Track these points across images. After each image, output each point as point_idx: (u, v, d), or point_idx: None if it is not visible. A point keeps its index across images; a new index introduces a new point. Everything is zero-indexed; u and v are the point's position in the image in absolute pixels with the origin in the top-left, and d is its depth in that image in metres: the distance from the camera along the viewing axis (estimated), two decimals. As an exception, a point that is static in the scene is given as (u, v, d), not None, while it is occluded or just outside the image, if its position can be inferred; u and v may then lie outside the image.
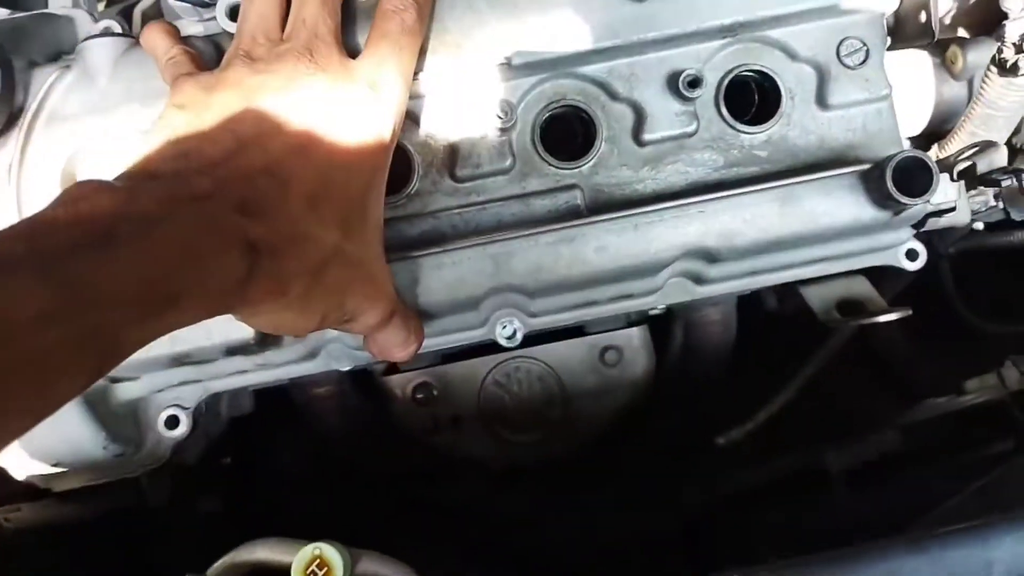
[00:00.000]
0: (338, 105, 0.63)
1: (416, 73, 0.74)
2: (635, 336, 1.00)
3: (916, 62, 0.84)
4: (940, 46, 0.85)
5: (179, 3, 0.88)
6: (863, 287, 0.95)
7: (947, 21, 0.92)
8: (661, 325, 1.06)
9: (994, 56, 0.75)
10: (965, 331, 1.17)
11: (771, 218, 0.75)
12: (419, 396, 0.98)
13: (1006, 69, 0.73)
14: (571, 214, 0.77)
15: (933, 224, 0.87)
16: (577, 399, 1.01)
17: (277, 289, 0.56)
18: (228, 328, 0.74)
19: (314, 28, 0.65)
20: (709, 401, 1.13)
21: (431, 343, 0.83)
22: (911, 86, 0.84)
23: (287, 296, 0.57)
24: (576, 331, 1.03)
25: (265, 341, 0.77)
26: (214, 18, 0.91)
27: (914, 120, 0.86)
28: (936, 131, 0.87)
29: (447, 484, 1.03)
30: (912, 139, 0.88)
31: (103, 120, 0.75)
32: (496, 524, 1.03)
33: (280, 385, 0.90)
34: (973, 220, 0.88)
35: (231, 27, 0.75)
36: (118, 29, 0.88)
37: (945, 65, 0.85)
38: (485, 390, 1.00)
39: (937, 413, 1.07)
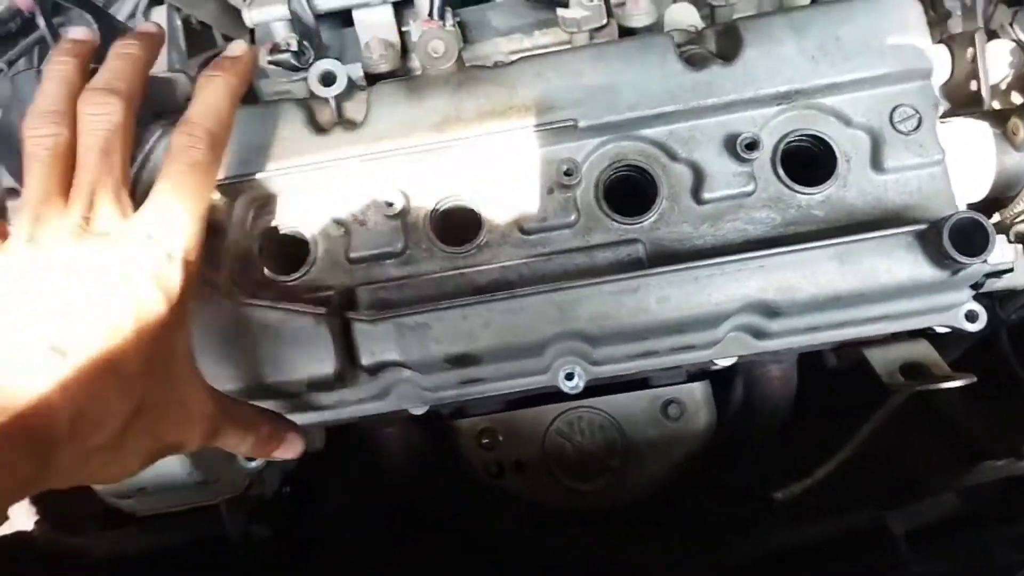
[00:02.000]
0: (110, 276, 0.61)
1: (484, 133, 0.80)
2: (697, 391, 1.02)
3: (976, 132, 0.86)
4: (1001, 116, 0.88)
5: (270, 65, 0.97)
6: (926, 350, 0.96)
7: (1003, 87, 0.95)
8: (722, 379, 1.08)
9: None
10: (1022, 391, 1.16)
11: (831, 274, 0.78)
12: (485, 441, 1.02)
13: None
14: (633, 266, 0.81)
15: (991, 285, 0.88)
16: (638, 450, 1.03)
17: (79, 463, 0.58)
18: (311, 364, 0.79)
19: (91, 192, 0.64)
20: (766, 454, 1.14)
21: (495, 387, 0.86)
22: (971, 155, 0.86)
23: (91, 464, 0.59)
24: (639, 384, 1.06)
25: (343, 378, 0.81)
26: (303, 79, 1.00)
27: (975, 188, 0.88)
28: (998, 198, 0.90)
29: (507, 526, 1.05)
30: (973, 206, 0.90)
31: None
32: (552, 569, 1.04)
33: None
34: (1032, 281, 0.89)
35: (323, 92, 0.83)
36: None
37: (1006, 135, 0.87)
38: (549, 437, 1.02)
39: (997, 477, 1.06)
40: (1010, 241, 0.81)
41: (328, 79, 0.83)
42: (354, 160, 0.82)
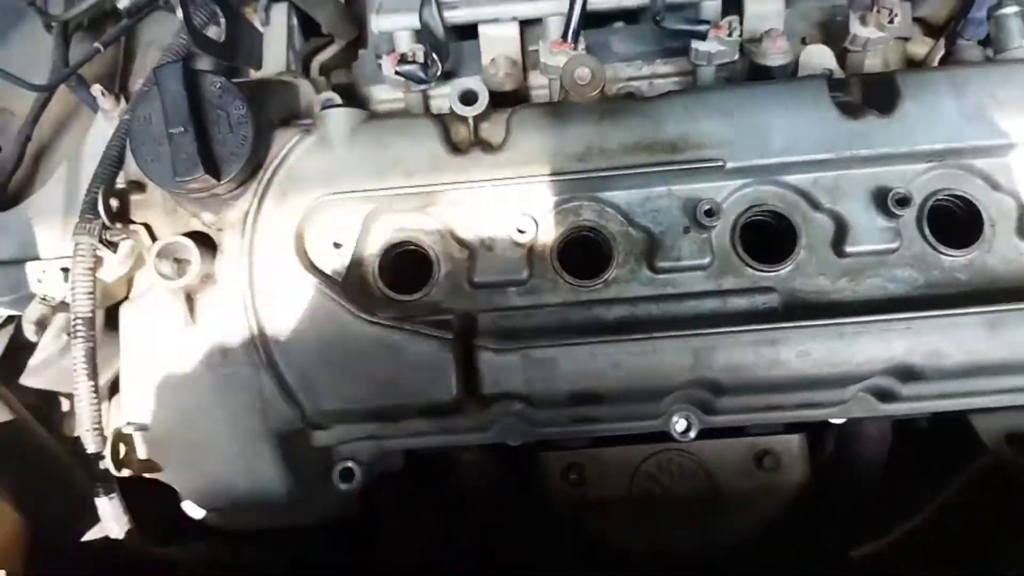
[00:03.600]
0: None
1: (626, 166, 0.78)
2: (795, 444, 0.99)
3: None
4: None
5: (392, 76, 0.94)
6: None
7: None
8: (812, 431, 1.05)
9: None
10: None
11: (979, 342, 0.75)
12: (572, 476, 0.98)
13: None
14: (767, 316, 0.79)
15: None
16: (728, 501, 0.99)
17: None
18: (430, 389, 0.76)
19: None
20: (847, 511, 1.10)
21: (605, 428, 0.84)
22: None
23: None
24: (733, 429, 1.02)
25: (459, 406, 0.78)
26: (422, 91, 0.98)
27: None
28: None
29: (586, 566, 1.01)
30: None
31: (337, 183, 0.80)
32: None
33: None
34: None
35: (463, 111, 0.80)
36: (338, 100, 0.95)
37: None
38: (637, 478, 0.99)
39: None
40: None
41: (469, 98, 0.81)
42: (490, 184, 0.79)
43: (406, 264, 0.84)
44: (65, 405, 1.05)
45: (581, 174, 0.79)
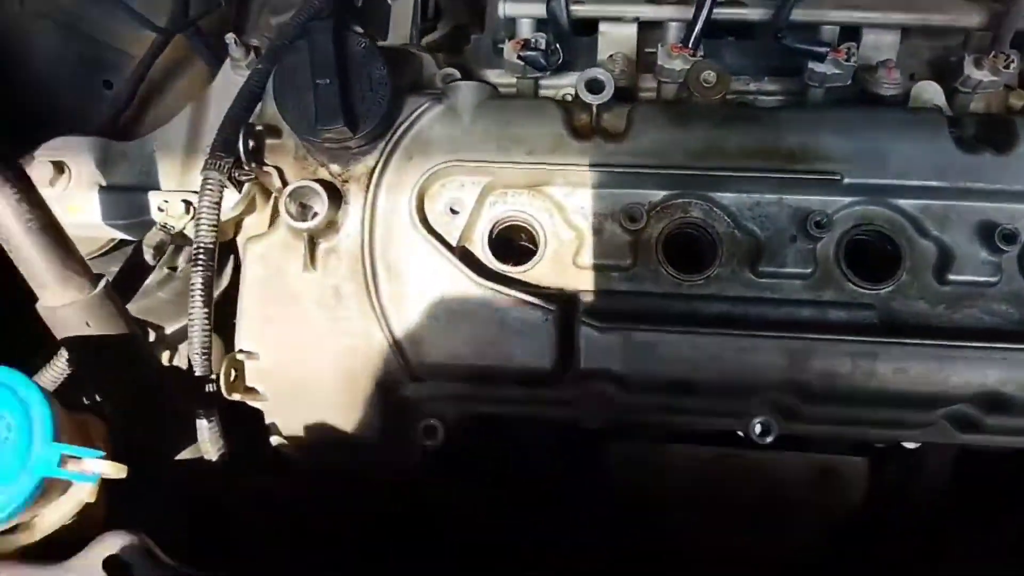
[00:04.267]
0: None
1: (743, 169, 0.80)
2: (860, 465, 1.00)
3: None
4: None
5: (512, 60, 0.97)
6: None
7: None
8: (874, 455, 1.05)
9: None
10: None
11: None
12: (635, 469, 1.00)
13: None
14: (866, 331, 0.80)
15: None
16: (787, 513, 1.00)
17: None
18: (529, 356, 0.79)
19: None
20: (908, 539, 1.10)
21: (688, 421, 0.85)
22: None
23: None
24: (796, 441, 1.03)
25: (554, 378, 0.81)
26: (534, 79, 1.01)
27: None
28: None
29: (642, 566, 1.02)
30: None
31: (461, 152, 0.83)
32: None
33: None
34: None
35: (589, 98, 0.83)
36: (458, 75, 0.98)
37: None
38: (702, 479, 1.00)
39: None
40: None
41: (596, 87, 0.84)
42: (607, 170, 0.82)
43: (515, 239, 0.87)
44: (151, 336, 1.08)
45: (698, 171, 0.81)
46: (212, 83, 1.04)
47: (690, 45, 0.94)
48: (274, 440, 0.84)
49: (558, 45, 0.97)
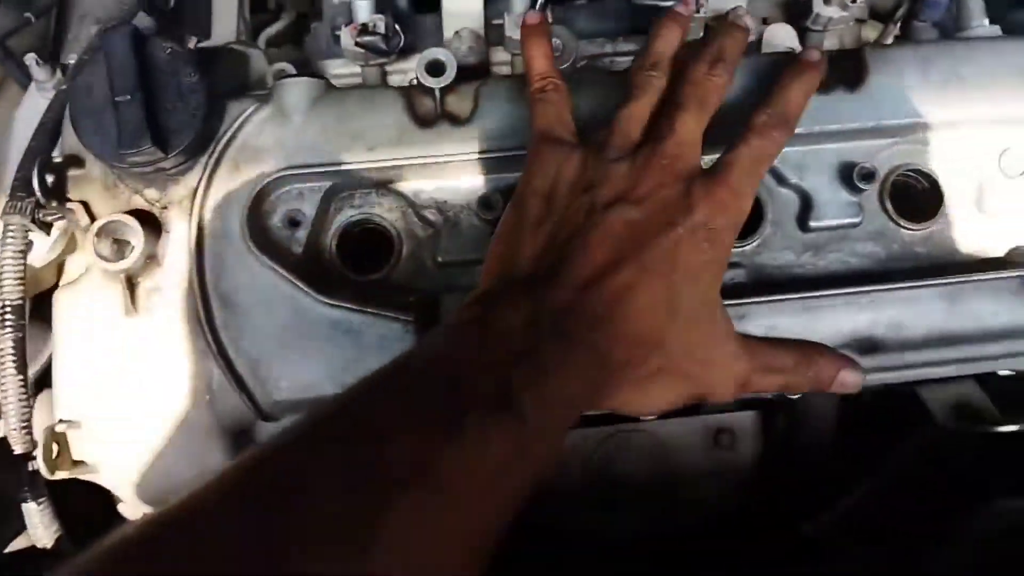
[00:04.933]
0: (688, 225, 0.65)
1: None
2: (750, 421, 0.99)
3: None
4: None
5: (351, 48, 0.90)
6: (972, 389, 0.94)
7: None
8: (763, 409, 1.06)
9: None
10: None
11: (939, 314, 0.76)
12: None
13: None
14: (736, 292, 0.78)
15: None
16: (687, 479, 1.00)
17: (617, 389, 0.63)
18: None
19: (674, 129, 0.68)
20: (800, 487, 1.12)
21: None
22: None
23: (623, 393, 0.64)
24: (688, 409, 1.02)
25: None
26: (380, 65, 0.94)
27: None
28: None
29: (544, 552, 1.00)
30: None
31: (294, 157, 0.76)
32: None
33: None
34: None
35: (430, 82, 0.77)
36: (292, 70, 0.90)
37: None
38: (593, 462, 0.98)
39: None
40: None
41: (437, 68, 0.77)
42: (456, 158, 0.77)
43: (368, 242, 0.81)
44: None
45: (550, 148, 0.77)
46: (16, 110, 0.93)
47: (536, 10, 0.89)
48: (120, 508, 0.77)
49: (398, 27, 0.91)
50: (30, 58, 0.91)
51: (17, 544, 0.72)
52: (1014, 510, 1.05)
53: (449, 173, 0.78)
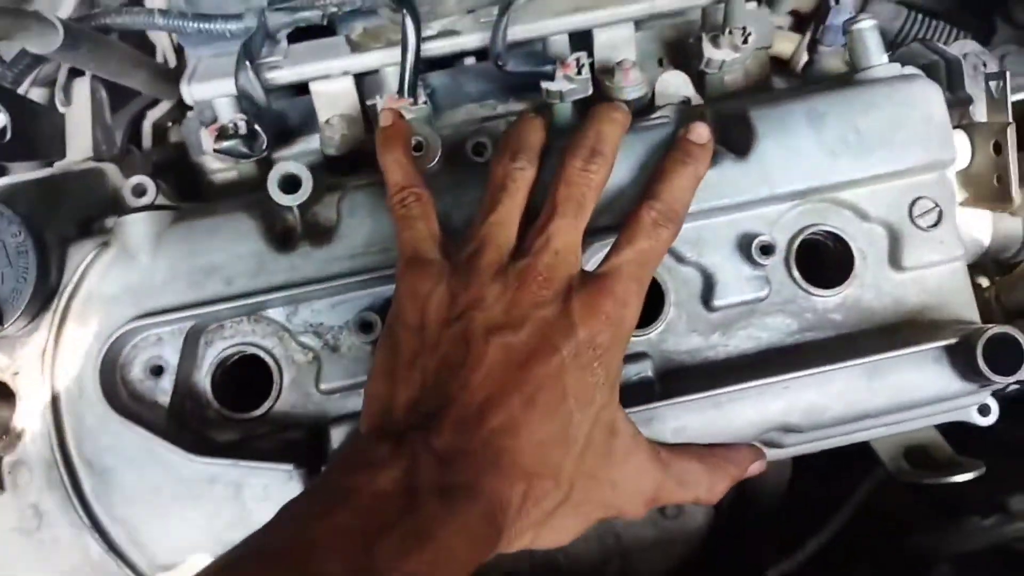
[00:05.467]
0: (571, 346, 0.61)
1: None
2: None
3: (980, 221, 0.82)
4: None
5: (217, 151, 0.84)
6: (928, 433, 0.91)
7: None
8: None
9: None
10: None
11: (859, 392, 0.71)
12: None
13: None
14: (642, 388, 0.73)
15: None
16: (634, 553, 0.95)
17: (520, 533, 0.59)
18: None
19: (550, 238, 0.63)
20: (761, 531, 1.09)
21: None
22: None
23: (528, 534, 0.60)
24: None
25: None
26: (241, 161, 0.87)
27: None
28: (995, 258, 0.88)
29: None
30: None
31: (144, 301, 0.70)
32: None
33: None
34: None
35: (285, 200, 0.71)
36: (150, 184, 0.83)
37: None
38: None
39: (988, 540, 1.03)
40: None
41: (291, 184, 0.71)
42: (324, 284, 0.71)
43: (248, 373, 0.75)
44: None
45: (422, 262, 0.71)
46: None
47: (407, 94, 0.83)
48: None
49: (258, 128, 0.84)
50: None
51: None
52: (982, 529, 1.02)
53: (318, 296, 0.72)
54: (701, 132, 0.69)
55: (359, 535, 0.51)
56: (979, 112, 0.75)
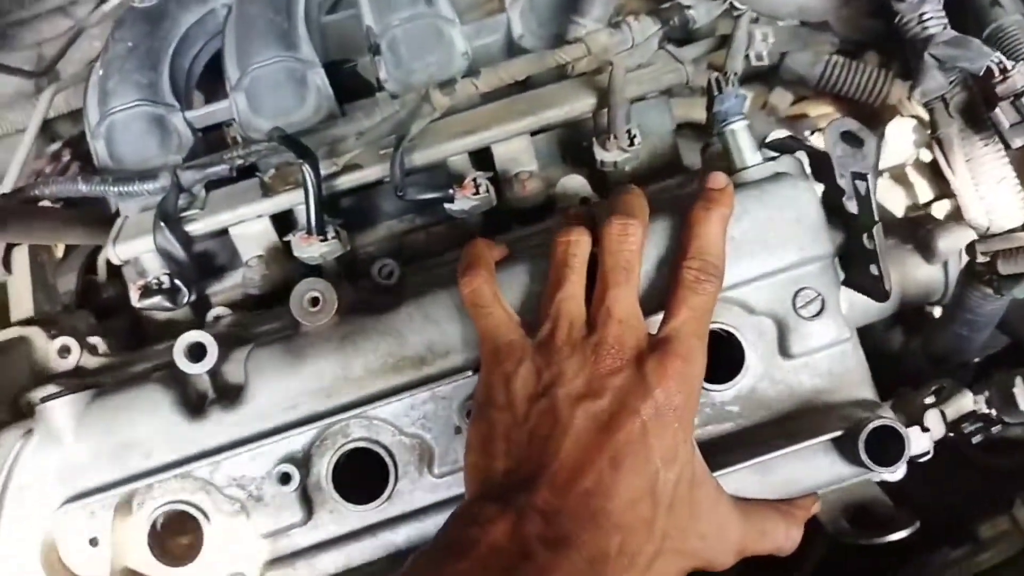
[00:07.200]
0: (647, 409, 0.65)
1: (378, 392, 0.75)
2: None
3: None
4: (915, 224, 0.96)
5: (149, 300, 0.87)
6: (869, 489, 0.92)
7: (908, 166, 1.02)
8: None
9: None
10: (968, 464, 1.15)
11: (752, 487, 0.75)
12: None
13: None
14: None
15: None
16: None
17: None
18: None
19: (610, 307, 0.68)
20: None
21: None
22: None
23: None
24: None
25: None
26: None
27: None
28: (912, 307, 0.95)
29: None
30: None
31: (72, 482, 0.74)
32: None
33: None
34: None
35: (192, 369, 0.74)
36: (74, 345, 0.87)
37: (919, 247, 0.94)
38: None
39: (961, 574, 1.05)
40: (924, 430, 0.81)
41: (197, 353, 0.75)
42: (239, 447, 0.75)
43: (183, 528, 0.79)
44: None
45: (328, 418, 0.75)
46: None
47: (313, 232, 0.86)
48: None
49: (179, 282, 0.88)
50: None
51: None
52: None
53: (236, 455, 0.76)
54: (719, 179, 0.74)
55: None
56: (851, 206, 0.77)
